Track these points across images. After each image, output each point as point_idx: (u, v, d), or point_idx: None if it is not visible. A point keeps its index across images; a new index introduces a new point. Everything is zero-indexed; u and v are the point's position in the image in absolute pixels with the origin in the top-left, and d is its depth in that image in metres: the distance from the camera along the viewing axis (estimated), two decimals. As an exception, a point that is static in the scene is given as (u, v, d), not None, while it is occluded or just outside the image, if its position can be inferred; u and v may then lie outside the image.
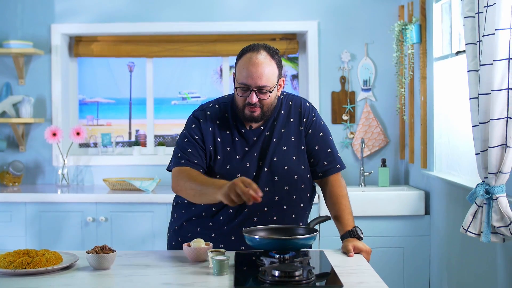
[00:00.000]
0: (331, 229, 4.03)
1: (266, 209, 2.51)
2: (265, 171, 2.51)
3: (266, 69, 2.41)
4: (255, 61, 2.41)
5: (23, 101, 4.76)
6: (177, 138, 2.66)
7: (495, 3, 2.58)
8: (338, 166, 2.60)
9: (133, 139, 5.21)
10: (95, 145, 5.10)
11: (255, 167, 2.51)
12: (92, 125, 5.21)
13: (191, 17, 4.84)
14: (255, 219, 2.51)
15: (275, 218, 2.53)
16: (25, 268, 2.18)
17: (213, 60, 5.14)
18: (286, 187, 2.53)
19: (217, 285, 2.05)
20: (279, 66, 2.48)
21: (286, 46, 4.92)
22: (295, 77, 5.10)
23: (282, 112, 2.57)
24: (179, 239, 2.65)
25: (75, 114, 5.10)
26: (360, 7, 4.79)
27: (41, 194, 4.36)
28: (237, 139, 2.53)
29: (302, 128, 2.57)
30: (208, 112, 2.58)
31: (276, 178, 2.51)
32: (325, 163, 2.59)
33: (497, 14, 2.56)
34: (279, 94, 2.56)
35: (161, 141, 4.99)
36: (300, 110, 2.59)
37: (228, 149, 2.52)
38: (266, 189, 2.49)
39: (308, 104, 2.62)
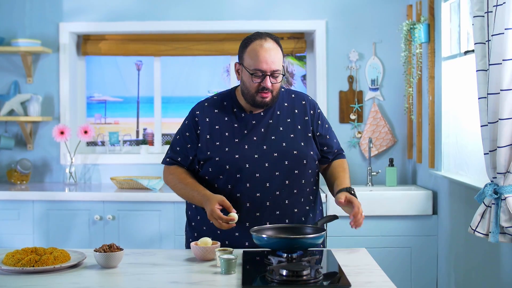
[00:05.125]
0: (338, 229, 4.04)
1: (277, 192, 2.56)
2: (274, 156, 2.56)
3: (276, 54, 2.53)
4: (266, 47, 2.51)
5: (31, 100, 4.77)
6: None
7: (504, 2, 2.57)
8: (343, 153, 2.82)
9: (140, 137, 5.21)
10: (103, 143, 5.11)
11: (258, 150, 2.57)
12: (100, 124, 5.22)
13: (199, 16, 4.84)
14: (267, 203, 2.55)
15: (286, 202, 2.58)
16: (33, 266, 2.18)
17: (220, 59, 5.14)
18: (296, 171, 2.59)
19: (225, 284, 2.05)
20: (283, 52, 2.60)
21: (294, 45, 4.92)
22: (305, 77, 5.09)
23: (286, 104, 2.67)
24: (195, 234, 2.69)
25: (83, 112, 5.11)
26: (368, 6, 4.78)
27: (49, 193, 4.37)
28: (235, 125, 2.62)
29: (307, 118, 2.67)
30: (206, 104, 2.70)
31: (286, 162, 2.57)
32: (335, 150, 2.76)
33: (507, 14, 2.55)
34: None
35: (168, 140, 5.00)
36: (303, 102, 2.70)
37: (227, 133, 2.61)
38: (277, 173, 2.56)
39: (310, 98, 2.76)
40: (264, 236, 2.32)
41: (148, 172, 4.87)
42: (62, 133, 4.72)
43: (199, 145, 2.62)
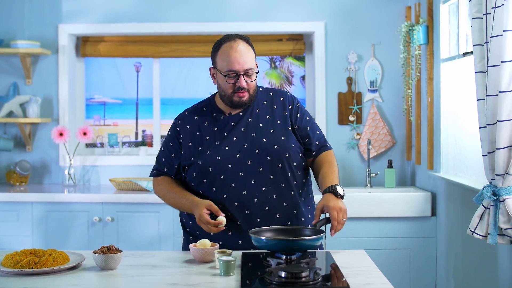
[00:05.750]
0: (341, 230, 4.04)
1: (264, 188, 2.58)
2: (256, 153, 2.59)
3: (247, 54, 2.58)
4: (236, 48, 2.57)
5: (30, 101, 4.77)
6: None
7: (503, 4, 2.57)
8: (328, 145, 2.79)
9: (139, 139, 5.21)
10: (102, 145, 5.11)
11: (239, 149, 2.59)
12: (99, 125, 5.22)
13: (197, 17, 4.84)
14: (255, 200, 2.57)
15: (274, 196, 2.59)
16: (32, 268, 2.18)
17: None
18: (279, 165, 2.60)
19: (224, 286, 2.05)
20: (254, 51, 2.64)
21: (293, 47, 4.92)
22: (304, 78, 5.09)
23: (264, 102, 2.71)
24: (190, 238, 2.71)
25: (82, 114, 5.11)
26: (367, 8, 4.79)
27: (48, 194, 4.37)
28: (215, 128, 2.65)
29: (286, 113, 2.69)
30: (186, 113, 2.76)
31: (268, 158, 2.59)
32: (317, 142, 2.74)
33: (505, 15, 2.56)
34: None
35: (167, 142, 4.99)
36: (282, 99, 2.73)
37: (208, 138, 2.64)
38: (260, 169, 2.58)
39: (289, 94, 2.78)
40: (263, 238, 2.32)
41: (147, 174, 4.87)
42: (61, 134, 4.72)
43: (182, 152, 2.66)
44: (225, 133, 2.63)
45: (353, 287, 2.01)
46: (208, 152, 2.61)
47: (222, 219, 2.46)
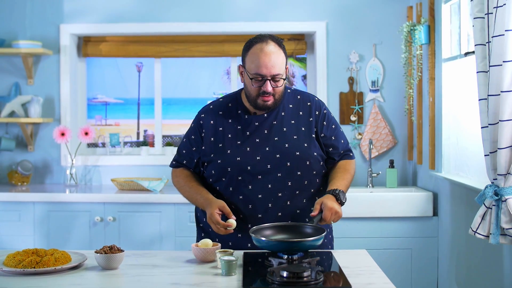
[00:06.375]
0: (339, 230, 4.04)
1: (280, 194, 2.56)
2: (276, 157, 2.56)
3: (277, 58, 2.51)
4: (267, 51, 2.50)
5: (32, 101, 4.78)
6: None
7: (505, 4, 2.57)
8: (351, 154, 2.78)
9: (141, 139, 5.22)
10: (103, 145, 5.11)
11: (260, 152, 2.56)
12: (101, 125, 5.22)
13: (199, 17, 4.84)
14: (270, 205, 2.55)
15: (288, 203, 2.57)
16: (34, 268, 2.19)
17: (221, 60, 5.15)
18: (299, 172, 2.58)
19: (225, 286, 2.05)
20: (286, 54, 2.57)
21: (294, 47, 4.92)
22: (305, 77, 5.09)
23: (291, 105, 2.66)
24: (202, 235, 2.70)
25: (84, 114, 5.11)
26: (368, 7, 4.78)
27: (50, 194, 4.37)
28: (238, 126, 2.61)
29: (312, 119, 2.65)
30: (211, 106, 2.70)
31: (288, 164, 2.56)
32: (341, 151, 2.72)
33: (507, 15, 2.55)
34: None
35: (169, 141, 5.00)
36: (309, 104, 2.68)
37: (230, 135, 2.60)
38: (279, 174, 2.55)
39: (316, 98, 2.72)
40: (263, 238, 2.32)
41: (148, 174, 4.88)
42: (62, 134, 4.73)
43: (203, 148, 2.63)
44: (248, 133, 2.59)
45: (354, 287, 2.01)
46: (228, 151, 2.58)
47: (232, 222, 2.45)
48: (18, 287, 2.05)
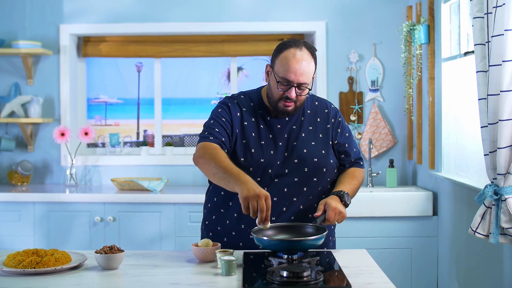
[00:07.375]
0: (339, 230, 4.04)
1: (295, 199, 2.55)
2: (295, 162, 2.55)
3: (307, 66, 2.47)
4: (299, 58, 2.46)
5: (31, 101, 4.78)
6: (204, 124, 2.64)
7: (504, 4, 2.57)
8: (361, 163, 2.76)
9: (141, 139, 5.22)
10: (103, 145, 5.11)
11: (281, 156, 2.55)
12: (100, 125, 5.23)
13: (198, 17, 4.84)
14: (284, 209, 2.54)
15: (301, 207, 2.57)
16: (34, 268, 2.18)
17: (221, 60, 5.15)
18: (315, 179, 2.58)
19: (225, 286, 2.05)
20: (316, 63, 2.53)
21: (294, 47, 4.91)
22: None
23: (308, 111, 2.65)
24: (210, 234, 2.65)
25: (83, 114, 5.12)
26: (368, 7, 4.79)
27: (50, 194, 4.38)
28: (261, 126, 2.58)
29: (329, 126, 2.65)
30: (235, 100, 2.63)
31: (306, 170, 2.56)
32: (352, 159, 2.71)
33: (506, 15, 2.56)
34: None
35: (169, 141, 5.00)
36: (326, 111, 2.68)
37: (253, 134, 2.57)
38: (295, 179, 2.55)
39: (333, 106, 2.73)
40: (265, 238, 2.32)
41: (148, 174, 4.88)
42: (62, 134, 4.73)
43: (232, 136, 2.56)
44: (270, 136, 2.57)
45: (354, 286, 2.01)
46: (253, 150, 2.54)
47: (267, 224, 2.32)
48: (18, 287, 2.05)
